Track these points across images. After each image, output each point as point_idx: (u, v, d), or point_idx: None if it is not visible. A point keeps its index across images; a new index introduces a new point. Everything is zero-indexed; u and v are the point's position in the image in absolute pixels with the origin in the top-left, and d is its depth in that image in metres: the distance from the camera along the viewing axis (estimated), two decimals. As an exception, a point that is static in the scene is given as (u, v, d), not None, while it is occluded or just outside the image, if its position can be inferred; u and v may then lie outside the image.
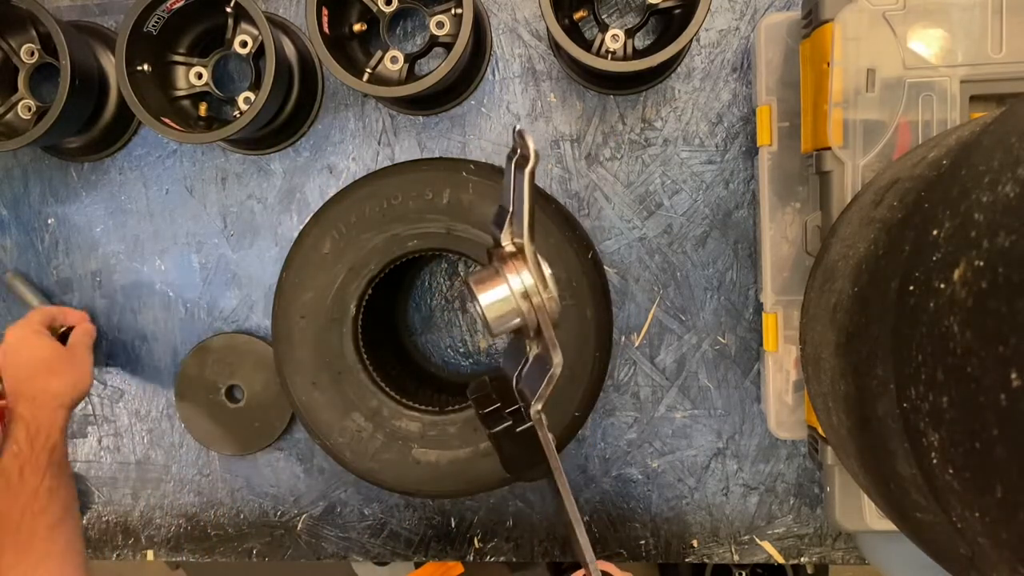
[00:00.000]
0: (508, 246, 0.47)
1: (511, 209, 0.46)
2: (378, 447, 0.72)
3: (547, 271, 0.46)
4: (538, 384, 0.47)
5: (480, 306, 0.46)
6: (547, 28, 0.75)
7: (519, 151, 0.45)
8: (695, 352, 0.81)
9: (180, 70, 0.78)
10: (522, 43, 0.80)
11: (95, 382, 0.89)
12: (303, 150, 0.83)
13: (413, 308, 0.85)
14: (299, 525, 0.88)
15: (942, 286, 0.32)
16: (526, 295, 0.46)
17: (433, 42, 0.74)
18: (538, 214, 0.69)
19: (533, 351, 0.49)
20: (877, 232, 0.44)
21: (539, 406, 0.47)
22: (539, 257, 0.46)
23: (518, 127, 0.45)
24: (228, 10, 0.73)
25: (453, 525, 0.86)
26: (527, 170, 0.44)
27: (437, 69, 0.68)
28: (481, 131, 0.81)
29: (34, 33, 0.78)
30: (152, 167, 0.85)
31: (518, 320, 0.46)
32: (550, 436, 0.48)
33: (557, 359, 0.45)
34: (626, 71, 0.69)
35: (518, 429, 0.49)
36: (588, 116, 0.80)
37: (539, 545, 0.85)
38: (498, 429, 0.50)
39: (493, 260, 0.48)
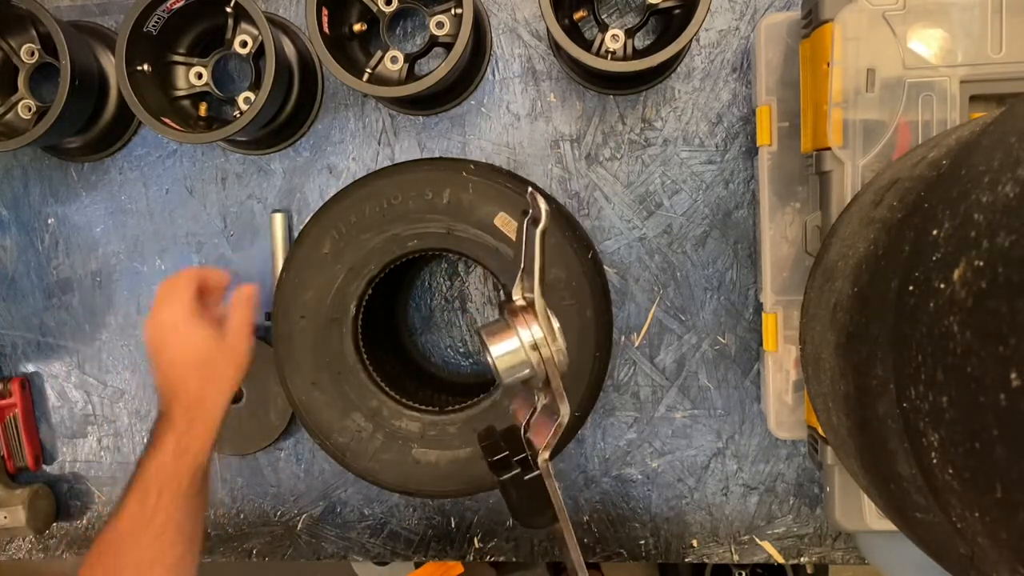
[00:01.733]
0: (519, 300, 0.50)
1: (523, 265, 0.50)
2: (378, 447, 0.72)
3: (556, 324, 0.49)
4: (546, 433, 0.48)
5: (491, 357, 0.48)
6: (547, 28, 0.75)
7: (531, 211, 0.48)
8: (695, 352, 0.81)
9: (180, 70, 0.78)
10: (522, 43, 0.80)
11: (95, 382, 0.89)
12: (303, 150, 0.83)
13: (413, 308, 0.85)
14: (299, 525, 0.88)
15: (942, 286, 0.32)
16: (535, 347, 0.48)
17: (433, 42, 0.74)
18: (538, 214, 0.69)
19: (541, 401, 0.51)
20: (877, 232, 0.44)
21: (546, 455, 0.49)
22: (549, 312, 0.49)
23: (531, 189, 0.48)
24: (228, 10, 0.73)
25: (453, 525, 0.86)
26: (538, 230, 0.47)
27: (437, 69, 0.68)
28: (481, 131, 0.81)
29: (34, 33, 0.78)
30: (152, 167, 0.85)
31: (528, 371, 0.49)
32: (557, 485, 0.49)
33: (564, 410, 0.47)
34: (626, 71, 0.69)
35: (526, 477, 0.50)
36: (588, 116, 0.80)
37: (539, 545, 0.85)
38: (506, 477, 0.50)
39: (505, 313, 0.50)
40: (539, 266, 0.48)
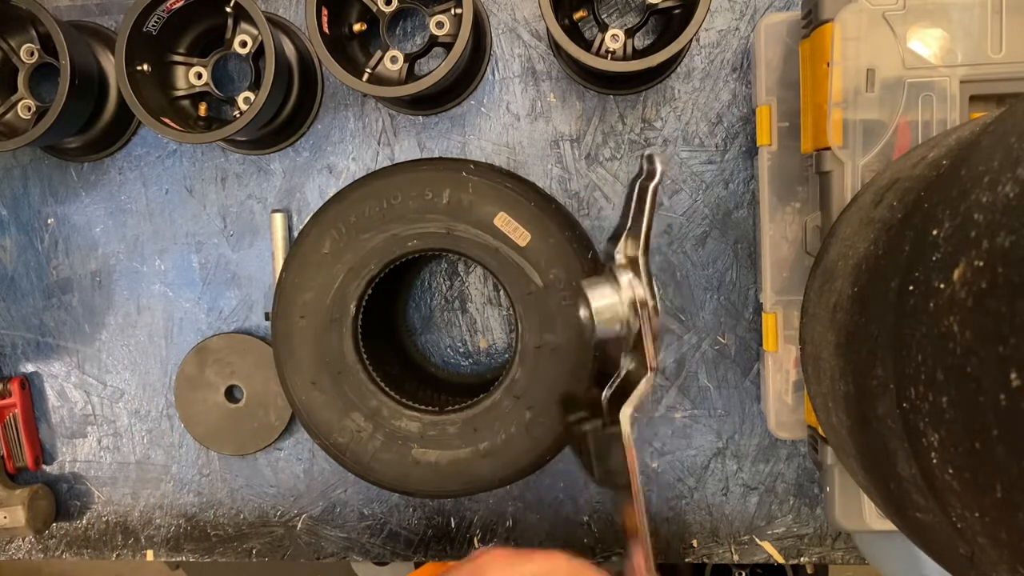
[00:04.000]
0: (621, 258, 0.52)
1: (629, 224, 0.52)
2: (378, 447, 0.72)
3: (656, 285, 0.52)
4: (630, 391, 0.51)
5: (591, 309, 0.50)
6: (547, 28, 0.75)
7: (647, 170, 0.51)
8: (695, 352, 0.81)
9: (180, 70, 0.78)
10: (522, 43, 0.80)
11: (95, 382, 0.89)
12: (303, 150, 0.83)
13: (413, 308, 0.85)
14: (299, 525, 0.88)
15: (942, 286, 0.32)
16: (634, 304, 0.49)
17: (433, 42, 0.74)
18: (538, 214, 0.69)
19: (626, 366, 0.51)
20: (877, 232, 0.44)
21: (629, 409, 0.51)
22: (651, 271, 0.51)
23: (647, 152, 0.51)
24: (228, 10, 0.73)
25: (453, 525, 0.86)
26: (652, 184, 0.50)
27: (437, 69, 0.68)
28: (481, 131, 0.81)
29: (34, 33, 0.77)
30: (152, 167, 0.85)
31: (619, 327, 0.50)
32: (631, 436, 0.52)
33: (654, 365, 0.50)
34: (626, 71, 0.69)
35: (607, 430, 0.52)
36: (588, 116, 0.80)
37: (539, 545, 0.85)
38: (588, 428, 0.53)
39: (607, 271, 0.53)
40: (647, 224, 0.50)
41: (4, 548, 0.92)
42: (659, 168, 0.49)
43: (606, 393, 0.53)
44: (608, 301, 0.50)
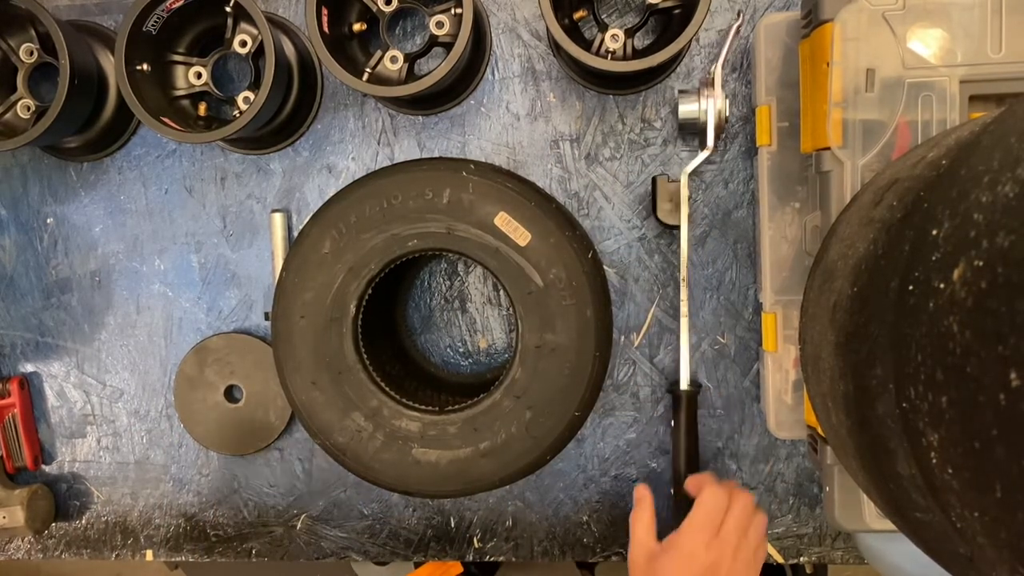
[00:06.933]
0: (716, 74, 0.72)
1: (723, 55, 0.72)
2: (378, 447, 0.72)
3: (724, 96, 0.73)
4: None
5: (680, 106, 0.73)
6: (547, 28, 0.75)
7: (737, 22, 0.73)
8: (695, 352, 0.81)
9: (179, 70, 0.78)
10: (522, 43, 0.80)
11: (94, 382, 0.89)
12: (303, 150, 0.83)
13: (413, 308, 0.85)
14: (299, 525, 0.88)
15: (941, 286, 0.32)
16: (705, 106, 0.73)
17: (433, 42, 0.74)
18: (538, 214, 0.69)
19: (705, 150, 0.74)
20: (876, 232, 0.44)
21: (689, 169, 0.76)
22: (719, 86, 0.72)
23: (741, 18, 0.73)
24: (228, 10, 0.73)
25: (453, 525, 0.86)
26: (736, 25, 0.72)
27: (437, 69, 0.68)
28: (481, 131, 0.81)
29: (33, 33, 0.77)
30: (151, 167, 0.85)
31: (696, 117, 0.73)
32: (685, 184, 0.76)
33: (709, 143, 0.73)
34: (626, 71, 0.69)
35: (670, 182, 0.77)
36: (587, 116, 0.80)
37: (539, 545, 0.85)
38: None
39: (698, 87, 0.74)
40: (728, 47, 0.72)
41: (3, 548, 0.92)
42: (745, 19, 0.75)
43: (689, 167, 0.75)
44: (693, 107, 0.73)
